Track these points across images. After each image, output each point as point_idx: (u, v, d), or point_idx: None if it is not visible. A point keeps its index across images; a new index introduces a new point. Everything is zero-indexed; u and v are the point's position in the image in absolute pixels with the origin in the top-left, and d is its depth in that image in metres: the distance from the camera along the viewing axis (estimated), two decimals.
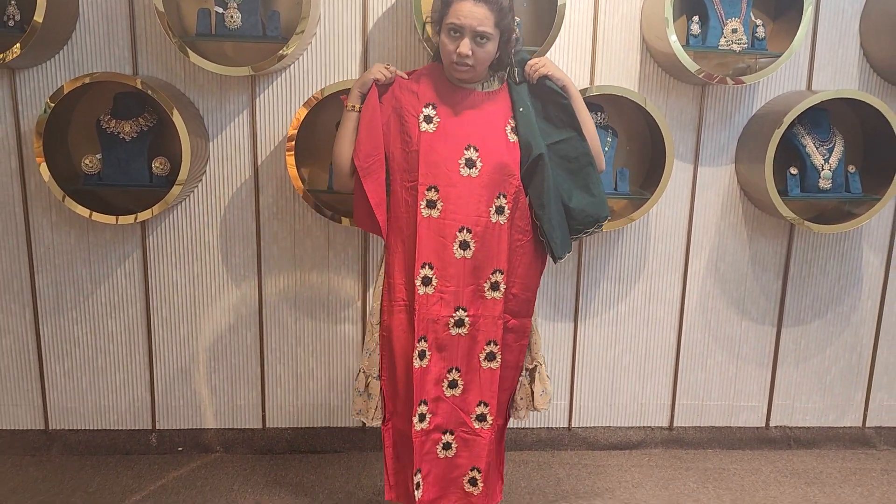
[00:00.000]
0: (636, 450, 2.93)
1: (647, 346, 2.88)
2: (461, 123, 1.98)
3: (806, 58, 2.69)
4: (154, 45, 2.50)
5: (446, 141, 1.96)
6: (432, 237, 1.96)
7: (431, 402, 2.02)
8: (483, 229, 1.96)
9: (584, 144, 2.03)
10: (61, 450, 2.75)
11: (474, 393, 2.04)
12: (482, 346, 2.03)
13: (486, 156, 1.96)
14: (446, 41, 1.92)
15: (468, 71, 1.94)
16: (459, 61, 1.91)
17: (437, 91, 2.01)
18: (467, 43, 1.88)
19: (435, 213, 1.96)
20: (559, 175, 2.02)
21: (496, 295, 2.01)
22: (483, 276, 1.99)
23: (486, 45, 1.90)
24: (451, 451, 2.06)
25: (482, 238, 1.97)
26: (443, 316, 1.99)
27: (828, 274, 2.88)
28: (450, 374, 2.03)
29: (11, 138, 2.53)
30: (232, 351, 2.75)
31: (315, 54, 2.55)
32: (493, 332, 2.02)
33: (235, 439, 2.79)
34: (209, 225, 2.64)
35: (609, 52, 2.63)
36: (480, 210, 1.96)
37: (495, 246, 1.98)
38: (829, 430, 3.00)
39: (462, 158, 1.95)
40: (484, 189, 1.95)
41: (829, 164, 2.61)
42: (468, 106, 2.00)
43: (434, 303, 1.98)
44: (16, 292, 2.65)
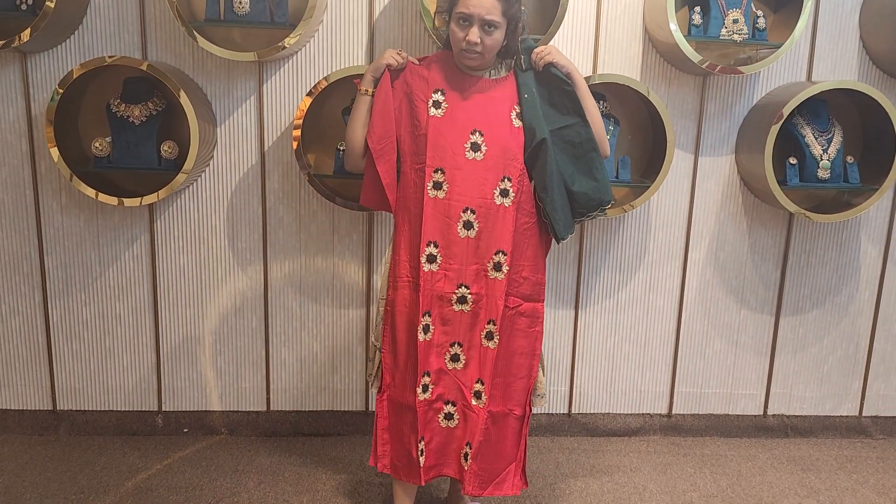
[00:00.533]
0: (635, 436, 2.96)
1: (646, 334, 2.92)
2: (468, 109, 2.04)
3: (806, 49, 2.72)
4: (164, 30, 2.54)
5: (453, 125, 2.03)
6: (438, 217, 2.03)
7: (434, 374, 2.08)
8: (487, 211, 2.02)
9: (587, 130, 2.07)
10: (69, 430, 2.79)
11: (473, 369, 2.10)
12: (483, 325, 2.08)
13: (491, 140, 2.02)
14: (455, 29, 1.98)
15: (477, 58, 2.00)
16: (468, 49, 1.97)
17: (447, 77, 2.07)
18: (476, 31, 1.94)
19: (441, 195, 2.02)
20: (563, 160, 2.06)
21: (499, 275, 2.05)
22: (486, 257, 2.05)
23: (493, 34, 1.96)
24: (452, 422, 2.11)
25: (485, 219, 2.03)
26: (446, 292, 2.05)
27: (826, 264, 2.91)
28: (452, 348, 2.09)
29: (22, 121, 2.57)
30: (237, 334, 2.79)
31: (322, 41, 2.59)
32: (493, 312, 2.07)
33: (240, 421, 2.83)
34: (216, 209, 2.68)
35: (611, 42, 2.66)
36: (485, 192, 2.02)
37: (499, 227, 2.03)
38: (826, 419, 3.04)
39: (468, 142, 2.02)
40: (488, 172, 2.02)
41: (828, 155, 2.64)
42: (475, 92, 2.06)
43: (438, 279, 2.05)
44: (25, 274, 2.69)
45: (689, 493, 2.54)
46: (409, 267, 2.07)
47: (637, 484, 2.58)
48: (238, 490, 2.44)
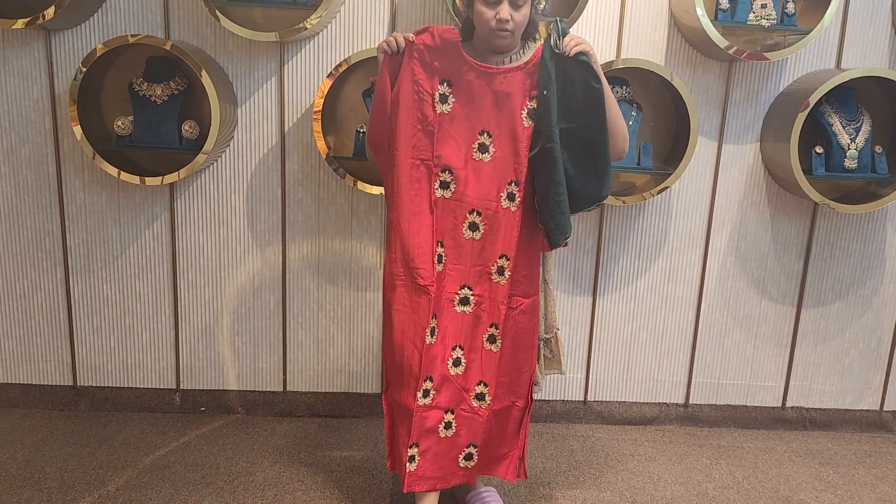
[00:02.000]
0: (651, 425, 2.95)
1: (664, 323, 2.89)
2: (476, 106, 1.97)
3: (836, 35, 2.66)
4: (186, 9, 2.54)
5: (461, 124, 1.97)
6: (445, 217, 2.00)
7: (437, 379, 2.02)
8: (493, 213, 1.99)
9: (604, 131, 1.95)
10: (88, 405, 2.83)
11: (475, 372, 2.05)
12: (486, 328, 2.04)
13: (500, 142, 1.97)
14: (483, 9, 1.89)
15: (508, 37, 1.91)
16: (500, 27, 1.88)
17: (454, 66, 1.96)
18: (506, 7, 1.86)
19: (447, 194, 1.99)
20: (571, 158, 1.97)
21: (501, 280, 2.02)
22: (490, 260, 2.01)
23: (522, 9, 1.89)
24: (451, 431, 2.05)
25: (491, 222, 1.99)
26: (449, 293, 2.02)
27: (850, 255, 2.87)
28: (454, 351, 2.04)
29: (46, 99, 2.59)
30: (255, 315, 2.80)
31: (343, 22, 2.58)
32: (496, 316, 2.03)
33: (257, 401, 2.86)
34: (236, 190, 2.69)
35: (636, 26, 2.62)
36: (491, 195, 1.98)
37: (503, 231, 1.99)
38: (846, 413, 3.00)
39: (476, 143, 1.97)
40: (495, 174, 1.97)
41: (856, 144, 2.59)
42: (485, 86, 1.96)
43: (443, 279, 2.02)
44: (48, 250, 2.72)
45: (705, 485, 2.52)
46: (402, 266, 2.01)
47: (652, 473, 2.57)
48: (254, 469, 2.46)
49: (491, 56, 1.98)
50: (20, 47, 2.55)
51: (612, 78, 2.55)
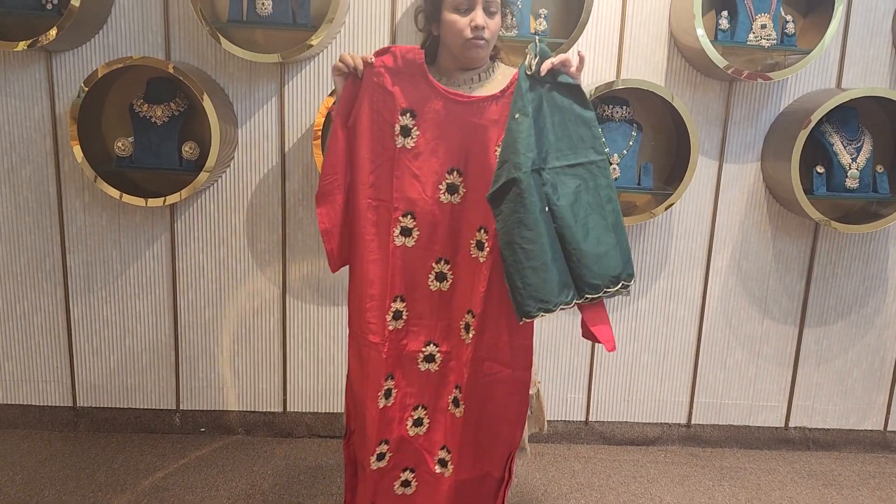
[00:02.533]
0: (653, 446, 2.93)
1: (666, 343, 2.88)
2: (444, 140, 1.74)
3: (836, 55, 2.66)
4: (187, 30, 2.55)
5: (426, 162, 1.74)
6: (406, 268, 1.79)
7: (394, 442, 1.86)
8: (460, 263, 1.78)
9: (607, 173, 1.65)
10: (88, 426, 2.82)
11: (438, 434, 1.87)
12: (451, 389, 1.84)
13: (471, 181, 1.75)
14: (455, 18, 1.70)
15: (483, 45, 1.72)
16: (476, 35, 1.69)
17: (420, 94, 1.74)
18: (481, 13, 1.68)
19: (410, 242, 1.77)
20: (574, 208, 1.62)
21: (467, 338, 1.79)
22: (459, 313, 1.80)
23: (496, 16, 1.72)
24: (409, 489, 1.90)
25: (459, 273, 1.78)
26: (412, 350, 1.83)
27: (852, 275, 2.85)
28: (416, 411, 1.87)
29: (47, 120, 2.59)
30: (255, 335, 2.79)
31: (344, 43, 2.58)
32: (461, 377, 1.81)
33: (257, 422, 2.84)
34: (236, 210, 2.69)
35: (636, 46, 2.62)
36: (459, 241, 1.77)
37: (470, 284, 1.77)
38: (850, 433, 2.97)
39: (443, 183, 1.75)
40: (464, 219, 1.76)
41: (857, 164, 2.59)
42: (454, 117, 1.73)
43: (403, 337, 1.83)
44: (48, 271, 2.72)
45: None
46: (357, 317, 1.84)
47: (654, 495, 2.55)
48: (253, 492, 2.44)
49: (459, 76, 1.78)
50: (21, 68, 2.56)
51: (613, 98, 2.55)
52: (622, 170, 2.56)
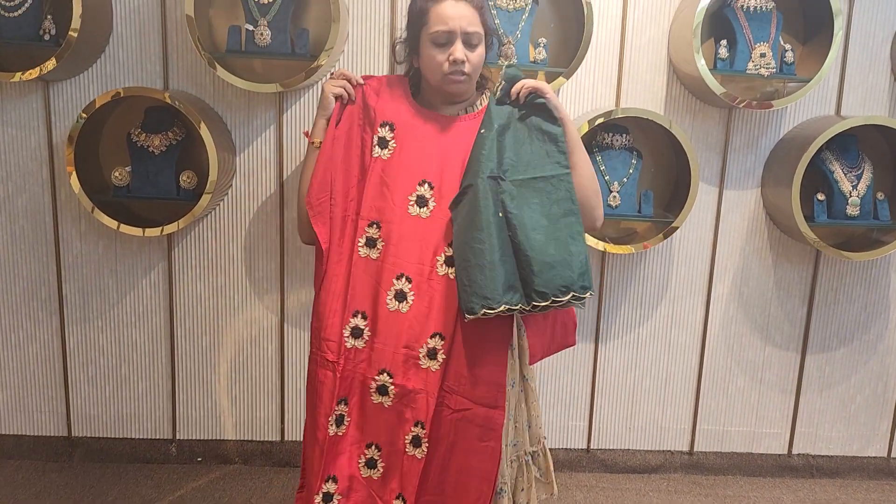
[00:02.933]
0: (655, 474, 2.90)
1: (668, 370, 2.85)
2: (419, 152, 1.70)
3: (835, 83, 2.66)
4: (185, 60, 2.54)
5: (399, 171, 1.69)
6: (367, 282, 1.67)
7: (343, 481, 1.68)
8: (426, 281, 1.63)
9: (569, 187, 1.64)
10: (83, 457, 2.78)
11: (395, 480, 1.67)
12: (409, 427, 1.64)
13: (442, 195, 1.67)
14: (433, 53, 1.66)
15: (465, 81, 1.69)
16: (455, 70, 1.65)
17: (398, 109, 1.73)
18: (460, 46, 1.64)
19: (374, 254, 1.68)
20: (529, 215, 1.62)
21: (433, 365, 1.62)
22: (419, 339, 1.63)
23: (478, 48, 1.68)
24: None
25: (422, 291, 1.63)
26: (366, 376, 1.68)
27: (854, 301, 2.84)
28: (368, 450, 1.70)
29: (44, 149, 2.58)
30: (253, 363, 2.77)
31: None
32: (423, 412, 1.63)
33: (254, 451, 2.81)
34: (234, 238, 2.67)
35: (635, 74, 2.62)
36: (425, 257, 1.64)
37: (438, 304, 1.63)
38: (853, 460, 2.95)
39: (413, 194, 1.67)
40: (433, 234, 1.65)
41: (858, 191, 2.58)
42: (431, 131, 1.71)
43: (362, 359, 1.68)
44: (43, 300, 2.69)
45: None
46: (317, 337, 1.71)
47: None
48: None
49: (444, 109, 1.76)
50: (18, 98, 2.55)
51: (613, 126, 2.54)
52: (622, 197, 2.55)
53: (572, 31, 2.52)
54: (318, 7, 2.51)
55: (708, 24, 2.52)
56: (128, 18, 2.51)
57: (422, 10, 1.69)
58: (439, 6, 1.66)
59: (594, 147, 2.57)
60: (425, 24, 1.68)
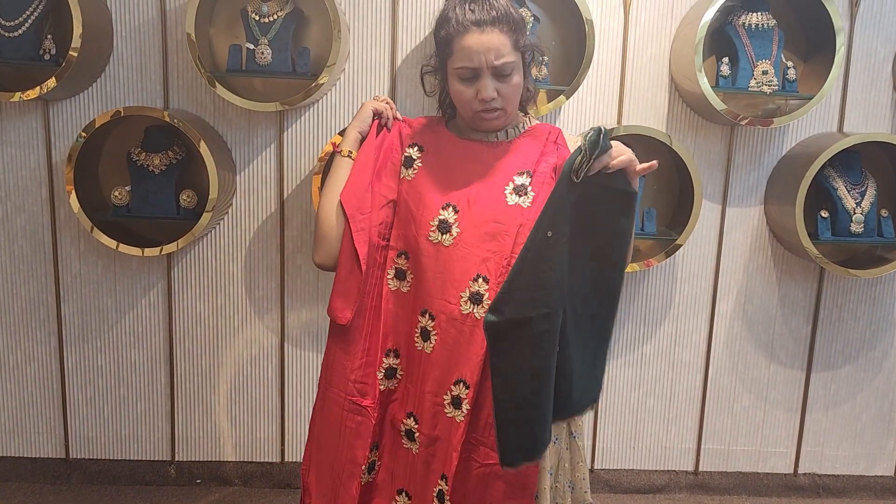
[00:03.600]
0: (660, 494, 2.86)
1: (672, 389, 2.83)
2: (445, 174, 1.53)
3: (837, 99, 2.65)
4: (185, 79, 2.53)
5: (422, 193, 1.52)
6: (401, 316, 1.54)
7: None
8: (447, 320, 1.46)
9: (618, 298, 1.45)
10: (81, 479, 2.75)
11: None
12: (436, 479, 1.50)
13: (467, 220, 1.47)
14: (461, 88, 1.49)
15: (500, 115, 1.51)
16: (486, 109, 1.48)
17: (430, 133, 1.60)
18: (489, 84, 1.45)
19: (404, 287, 1.54)
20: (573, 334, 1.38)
21: (458, 415, 1.46)
22: (444, 385, 1.47)
23: (512, 79, 1.48)
24: None
25: (446, 331, 1.46)
26: (396, 419, 1.56)
27: (859, 318, 2.82)
28: (399, 496, 1.57)
29: (43, 168, 2.57)
30: (253, 384, 2.74)
31: (344, 89, 2.57)
32: (447, 464, 1.47)
33: (254, 472, 2.77)
34: (234, 257, 2.65)
35: (637, 91, 2.61)
36: (448, 293, 1.46)
37: (463, 347, 1.44)
38: (860, 479, 2.91)
39: (435, 219, 1.49)
40: (455, 264, 1.46)
41: (862, 208, 2.56)
42: (461, 153, 1.55)
43: (394, 399, 1.56)
44: (42, 320, 2.67)
45: None
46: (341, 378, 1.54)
47: None
48: None
49: (482, 134, 1.59)
50: (18, 117, 2.54)
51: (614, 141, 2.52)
52: None
53: (573, 49, 2.51)
54: (319, 26, 2.50)
55: (709, 41, 2.51)
56: (128, 38, 2.50)
57: (445, 40, 1.51)
58: (463, 39, 1.45)
59: None
60: (450, 55, 1.50)
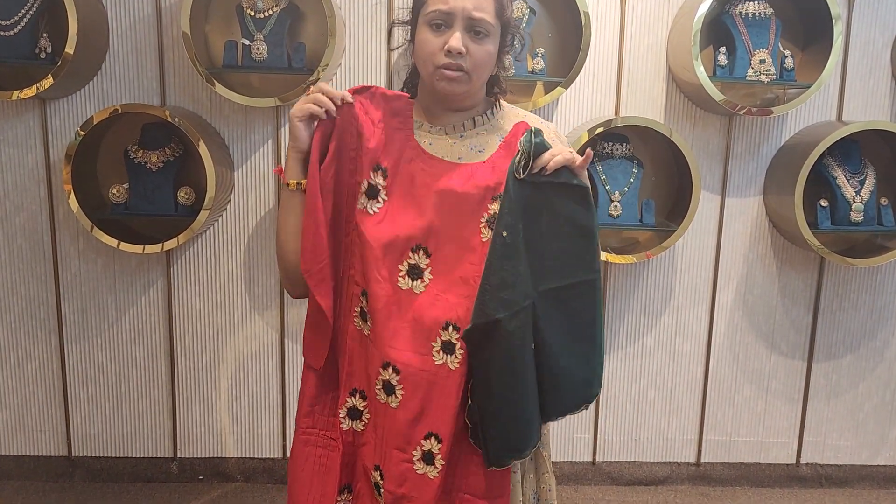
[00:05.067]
0: (662, 486, 2.86)
1: (673, 380, 2.82)
2: (414, 209, 1.35)
3: (836, 88, 2.64)
4: (182, 76, 2.53)
5: (388, 231, 1.34)
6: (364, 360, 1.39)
7: None
8: (417, 372, 1.33)
9: (596, 293, 1.36)
10: (84, 476, 2.75)
11: None
12: None
13: (440, 265, 1.34)
14: (428, 37, 1.31)
15: (461, 78, 1.31)
16: (449, 63, 1.29)
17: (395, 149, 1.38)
18: (460, 34, 1.28)
19: (366, 330, 1.39)
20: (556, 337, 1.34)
21: (431, 471, 1.34)
22: (412, 441, 1.35)
23: (486, 42, 1.31)
24: None
25: (414, 385, 1.33)
26: (367, 466, 1.42)
27: (860, 308, 2.81)
28: None
29: (41, 167, 2.57)
30: (253, 380, 2.74)
31: (340, 84, 2.57)
32: None
33: (255, 468, 2.78)
34: (233, 254, 2.65)
35: (635, 83, 2.61)
36: (418, 344, 1.33)
37: (435, 400, 1.33)
38: (862, 469, 2.91)
39: (404, 264, 1.35)
40: (428, 313, 1.33)
41: (861, 197, 2.55)
42: (429, 179, 1.35)
43: (363, 443, 1.43)
44: (42, 319, 2.67)
45: None
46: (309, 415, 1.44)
47: None
48: None
49: (446, 118, 1.40)
50: (15, 116, 2.54)
51: (612, 135, 2.52)
52: (624, 207, 2.53)
53: (570, 40, 2.51)
54: (315, 21, 2.50)
55: (706, 31, 2.51)
56: (124, 35, 2.50)
57: None
58: None
59: (594, 157, 2.56)
60: (424, 2, 1.32)
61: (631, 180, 2.53)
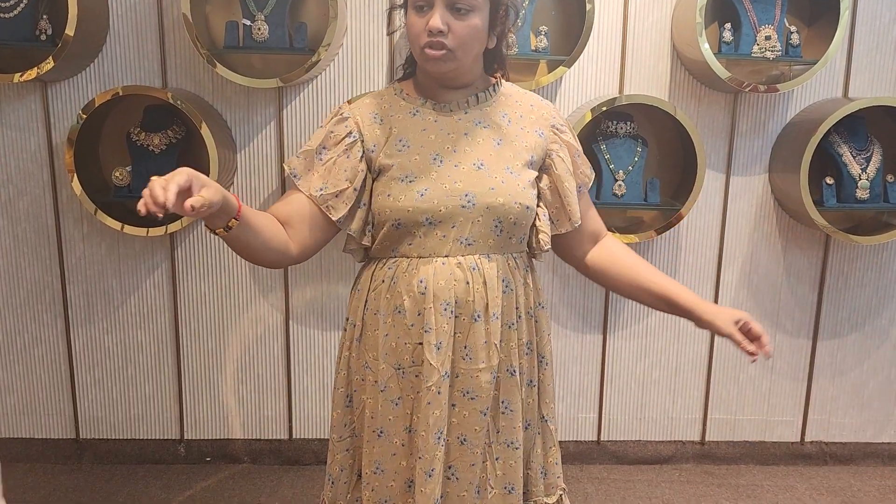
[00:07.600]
0: (667, 464, 2.87)
1: (677, 359, 2.83)
2: None
3: (842, 64, 2.62)
4: (183, 57, 2.52)
5: None
6: None
7: None
8: None
9: None
10: (91, 459, 2.77)
11: None
12: None
13: None
14: (414, 19, 1.35)
15: (445, 57, 1.33)
16: (430, 42, 1.32)
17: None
18: (441, 13, 1.31)
19: None
20: None
21: None
22: None
23: (469, 18, 1.32)
24: None
25: None
26: None
27: (865, 286, 2.80)
28: None
29: (44, 150, 2.56)
30: (259, 362, 2.75)
31: (342, 64, 2.55)
32: None
33: (262, 450, 2.80)
34: None
35: (639, 60, 2.59)
36: None
37: None
38: (867, 446, 2.92)
39: None
40: None
41: (867, 174, 2.54)
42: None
43: None
44: (48, 303, 2.68)
45: None
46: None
47: None
48: None
49: (446, 96, 1.44)
50: (16, 99, 2.53)
51: (617, 113, 2.51)
52: (628, 186, 2.52)
53: (573, 17, 2.48)
54: (316, 0, 2.48)
55: (711, 7, 2.48)
56: (124, 17, 2.49)
57: None
58: None
59: (598, 136, 2.54)
60: None
61: (635, 159, 2.52)
